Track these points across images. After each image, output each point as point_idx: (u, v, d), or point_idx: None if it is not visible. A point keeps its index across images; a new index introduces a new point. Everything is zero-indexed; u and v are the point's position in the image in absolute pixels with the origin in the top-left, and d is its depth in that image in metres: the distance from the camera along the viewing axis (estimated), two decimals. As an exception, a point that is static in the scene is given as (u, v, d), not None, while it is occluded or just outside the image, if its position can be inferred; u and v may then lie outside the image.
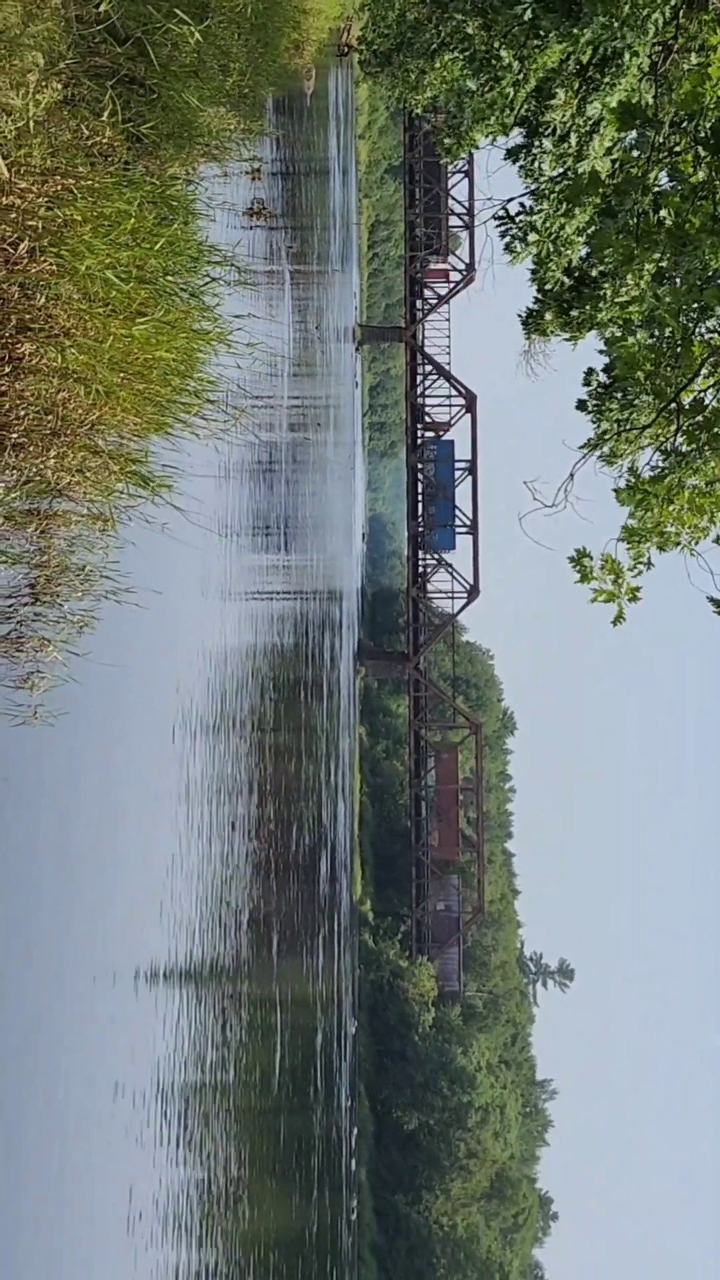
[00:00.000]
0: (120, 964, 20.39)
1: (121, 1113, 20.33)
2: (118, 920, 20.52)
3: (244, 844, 32.52)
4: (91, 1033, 18.78)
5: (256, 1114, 34.90)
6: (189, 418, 13.96)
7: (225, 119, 19.64)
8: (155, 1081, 22.43)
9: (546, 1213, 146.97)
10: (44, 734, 13.57)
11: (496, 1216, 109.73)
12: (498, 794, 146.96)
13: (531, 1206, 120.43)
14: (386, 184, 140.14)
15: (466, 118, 17.53)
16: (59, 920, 16.93)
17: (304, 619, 51.19)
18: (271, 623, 40.88)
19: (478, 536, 77.14)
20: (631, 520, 15.16)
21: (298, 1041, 44.56)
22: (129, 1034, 21.06)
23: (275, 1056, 38.19)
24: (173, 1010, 23.90)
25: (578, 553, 15.09)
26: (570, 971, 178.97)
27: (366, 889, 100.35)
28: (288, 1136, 42.28)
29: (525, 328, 19.09)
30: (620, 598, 15.19)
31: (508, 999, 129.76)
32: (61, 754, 15.97)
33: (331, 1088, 59.66)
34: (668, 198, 14.34)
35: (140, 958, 21.63)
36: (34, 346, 11.15)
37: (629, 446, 16.30)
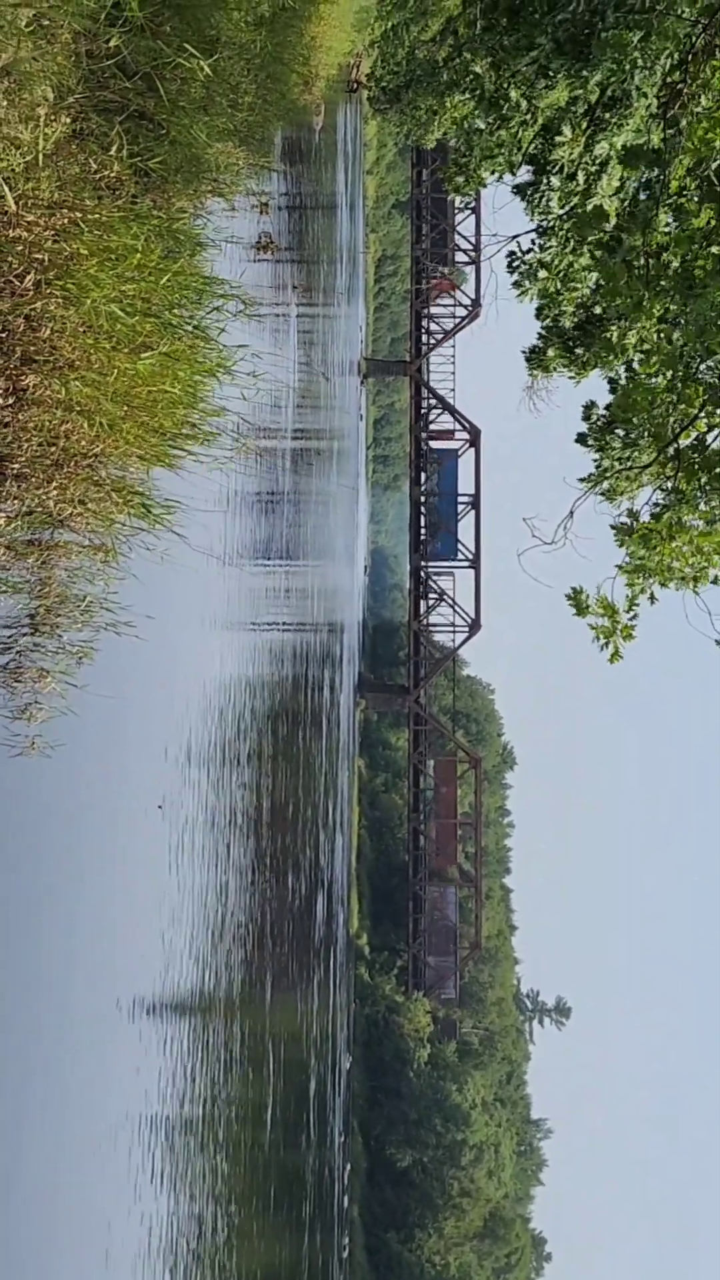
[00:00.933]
0: (115, 997, 20.30)
1: (113, 1147, 20.21)
2: (114, 953, 20.44)
3: (242, 877, 32.43)
4: (84, 1066, 18.68)
5: (249, 1149, 34.70)
6: (192, 449, 13.97)
7: (234, 154, 19.73)
8: (147, 1115, 22.31)
9: (540, 1253, 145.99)
10: (41, 765, 13.53)
11: (489, 1256, 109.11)
12: (496, 829, 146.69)
13: (525, 1246, 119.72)
14: (394, 219, 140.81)
15: (475, 156, 17.64)
16: (54, 954, 16.86)
17: (304, 651, 51.19)
18: (272, 654, 40.87)
19: (479, 570, 77.22)
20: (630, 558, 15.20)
21: (292, 1076, 44.36)
22: (122, 1067, 20.96)
23: (269, 1091, 38.01)
24: (166, 1044, 23.79)
25: (574, 590, 15.13)
26: (567, 1010, 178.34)
27: (363, 922, 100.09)
28: (280, 1172, 42.02)
29: (529, 364, 19.18)
30: (616, 636, 15.23)
31: (504, 1036, 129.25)
32: (58, 785, 15.93)
33: (325, 1123, 59.35)
34: (674, 241, 14.40)
35: (135, 991, 21.54)
36: (38, 378, 11.17)
37: (629, 484, 16.35)
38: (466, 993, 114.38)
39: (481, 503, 78.07)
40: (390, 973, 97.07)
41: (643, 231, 15.75)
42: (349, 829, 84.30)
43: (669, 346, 14.79)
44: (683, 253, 14.30)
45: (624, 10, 14.73)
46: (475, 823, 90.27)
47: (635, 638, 15.53)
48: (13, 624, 12.73)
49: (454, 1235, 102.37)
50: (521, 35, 15.75)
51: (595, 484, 16.56)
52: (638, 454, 16.17)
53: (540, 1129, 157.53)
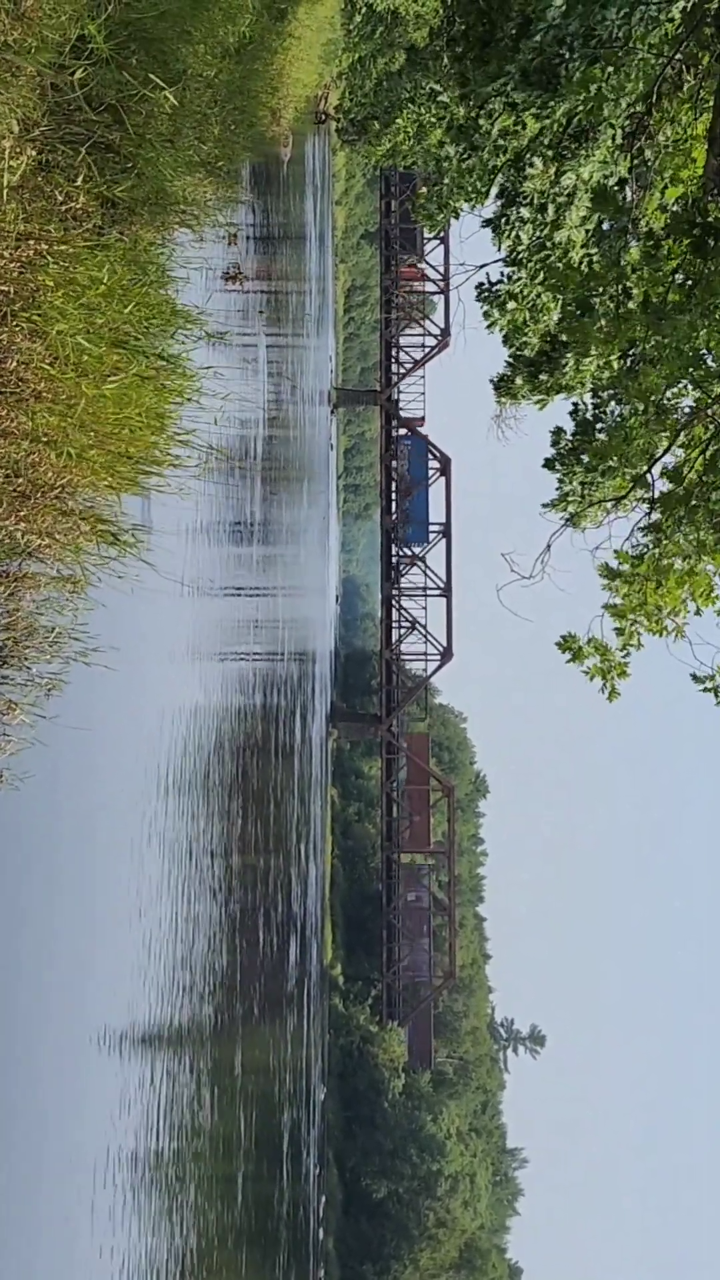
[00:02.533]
0: (85, 1029, 20.19)
1: (86, 1182, 20.07)
2: (85, 986, 20.33)
3: (214, 907, 32.31)
4: (57, 1101, 18.56)
5: (222, 1182, 34.50)
6: (160, 472, 13.95)
7: (201, 185, 19.76)
8: (118, 1147, 22.17)
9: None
10: (11, 798, 13.46)
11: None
12: (469, 857, 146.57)
13: (501, 1277, 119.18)
14: (363, 249, 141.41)
15: (447, 184, 17.70)
16: (25, 987, 16.76)
17: (276, 680, 51.13)
18: (243, 684, 40.81)
19: (451, 599, 77.33)
20: (617, 599, 15.27)
21: (266, 1108, 44.15)
22: (94, 1100, 20.83)
23: (242, 1124, 37.81)
24: (139, 1076, 23.66)
25: (565, 638, 15.20)
26: (541, 1038, 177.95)
27: (337, 952, 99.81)
28: (254, 1204, 41.77)
29: (497, 392, 19.24)
30: (610, 675, 15.30)
31: (478, 1065, 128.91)
32: (29, 818, 15.85)
33: (299, 1155, 59.05)
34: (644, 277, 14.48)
35: (106, 1023, 21.42)
36: (4, 410, 11.14)
37: (595, 511, 16.41)
38: (440, 1022, 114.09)
39: (453, 531, 78.21)
40: (364, 1003, 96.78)
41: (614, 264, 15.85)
42: (322, 859, 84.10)
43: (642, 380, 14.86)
44: (649, 284, 14.39)
45: (591, 44, 14.81)
46: (449, 852, 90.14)
47: (629, 675, 15.61)
48: (-20, 656, 12.68)
49: (430, 1266, 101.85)
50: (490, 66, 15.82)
51: (559, 508, 16.62)
52: (600, 479, 16.25)
53: (516, 1158, 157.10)
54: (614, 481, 16.14)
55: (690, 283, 14.08)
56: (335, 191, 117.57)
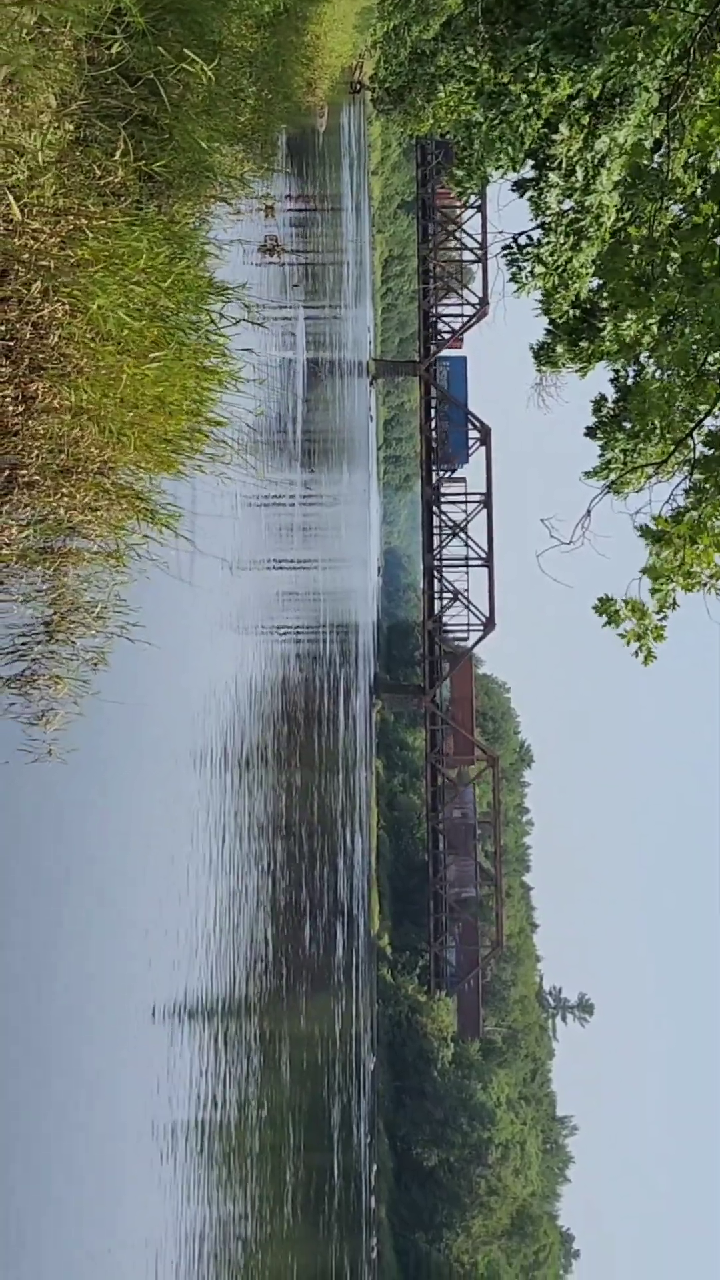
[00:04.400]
0: (137, 1000, 20.34)
1: (139, 1151, 20.24)
2: (135, 957, 20.47)
3: (261, 879, 32.46)
4: (107, 1070, 18.71)
5: (274, 1152, 34.72)
6: (200, 453, 13.99)
7: (238, 157, 19.74)
8: (170, 1117, 22.34)
9: (568, 1249, 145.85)
10: (58, 771, 13.56)
11: (518, 1254, 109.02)
12: (515, 827, 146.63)
13: (553, 1244, 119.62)
14: (400, 219, 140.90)
15: (476, 150, 17.62)
16: (74, 961, 16.89)
17: (319, 653, 51.21)
18: (286, 657, 40.90)
19: (493, 569, 77.18)
20: (654, 560, 15.19)
21: (315, 1078, 44.38)
22: (147, 1070, 20.98)
23: (293, 1094, 38.03)
24: (189, 1048, 23.82)
25: (602, 600, 15.12)
26: (590, 1006, 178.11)
27: (384, 923, 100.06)
28: (306, 1174, 42.03)
29: (537, 360, 19.17)
30: (647, 638, 15.23)
31: (527, 1034, 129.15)
32: (75, 792, 15.96)
33: (350, 1124, 59.34)
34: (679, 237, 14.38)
35: (156, 994, 21.57)
36: (46, 385, 11.19)
37: (636, 477, 16.35)
38: (489, 991, 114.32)
39: (494, 501, 78.02)
40: (412, 973, 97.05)
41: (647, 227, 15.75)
42: (368, 830, 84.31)
43: (679, 343, 14.79)
44: (685, 250, 14.29)
45: (624, 5, 14.72)
46: (494, 821, 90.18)
47: (666, 638, 15.54)
48: (26, 631, 12.76)
49: (482, 1234, 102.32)
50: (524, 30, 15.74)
51: (601, 475, 16.57)
52: (643, 446, 16.18)
53: (566, 1126, 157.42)
54: (656, 447, 16.07)
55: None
56: (371, 161, 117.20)
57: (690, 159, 16.90)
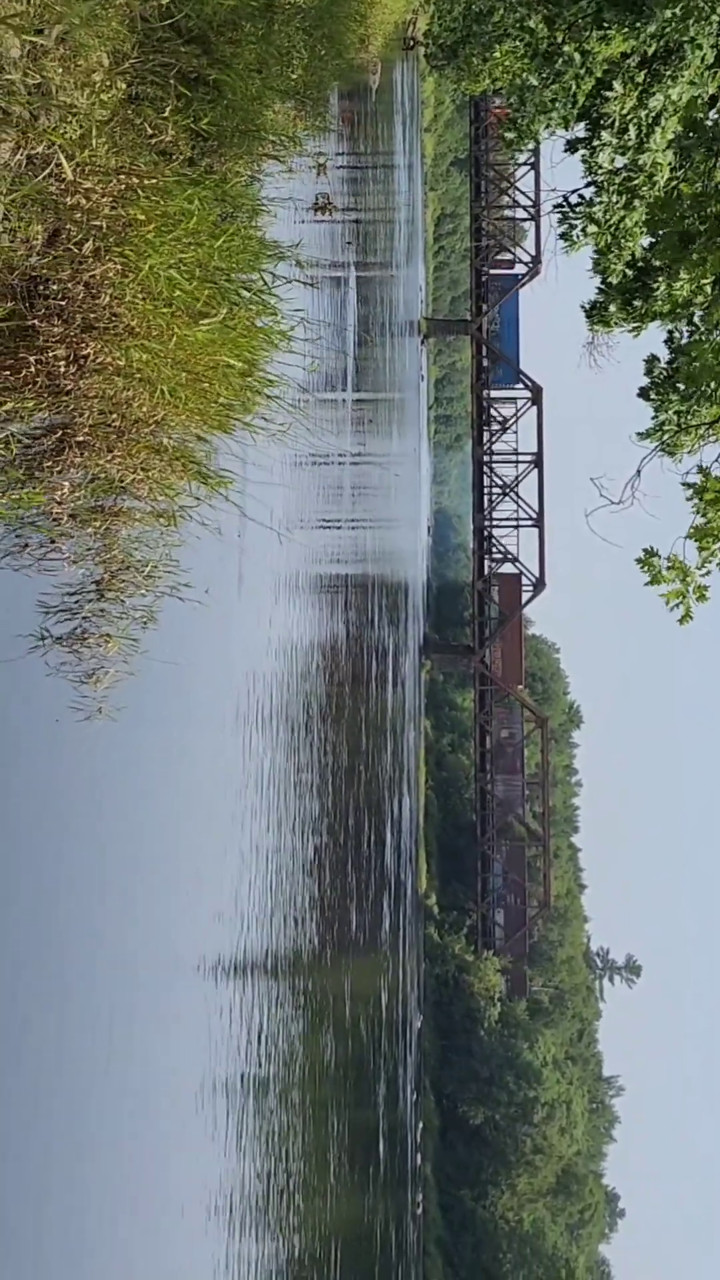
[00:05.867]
0: (188, 956, 20.51)
1: (189, 1106, 20.45)
2: (184, 916, 20.63)
3: (311, 837, 32.60)
4: (161, 1025, 18.90)
5: (322, 1109, 34.99)
6: (251, 416, 13.99)
7: (289, 115, 19.66)
8: (221, 1072, 22.55)
9: (613, 1209, 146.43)
10: (109, 729, 13.66)
11: (563, 1212, 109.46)
12: (564, 788, 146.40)
13: (598, 1203, 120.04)
14: (452, 177, 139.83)
15: (529, 112, 17.46)
16: (124, 915, 17.05)
17: (369, 613, 51.22)
18: (335, 617, 40.94)
19: (543, 529, 76.86)
20: (701, 519, 15.10)
21: (363, 1036, 44.64)
22: (199, 1026, 21.18)
23: (341, 1052, 38.27)
24: (240, 1003, 24.01)
25: (645, 553, 15.04)
26: (637, 967, 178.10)
27: (431, 883, 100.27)
28: (353, 1131, 42.34)
29: (589, 319, 19.03)
30: (689, 597, 15.15)
31: (574, 994, 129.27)
32: (126, 750, 16.07)
33: (396, 1082, 59.69)
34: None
35: (208, 950, 21.75)
36: (99, 345, 11.21)
37: (690, 438, 16.23)
38: (536, 951, 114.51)
39: (544, 461, 77.62)
40: (459, 932, 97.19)
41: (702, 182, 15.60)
42: (416, 790, 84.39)
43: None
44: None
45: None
46: (543, 782, 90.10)
47: (709, 598, 15.45)
48: (78, 590, 12.84)
49: (527, 1192, 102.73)
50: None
51: (654, 437, 16.45)
52: (697, 408, 16.05)
53: (612, 1086, 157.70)
54: (710, 409, 15.95)
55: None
56: (424, 118, 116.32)
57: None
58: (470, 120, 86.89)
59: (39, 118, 10.24)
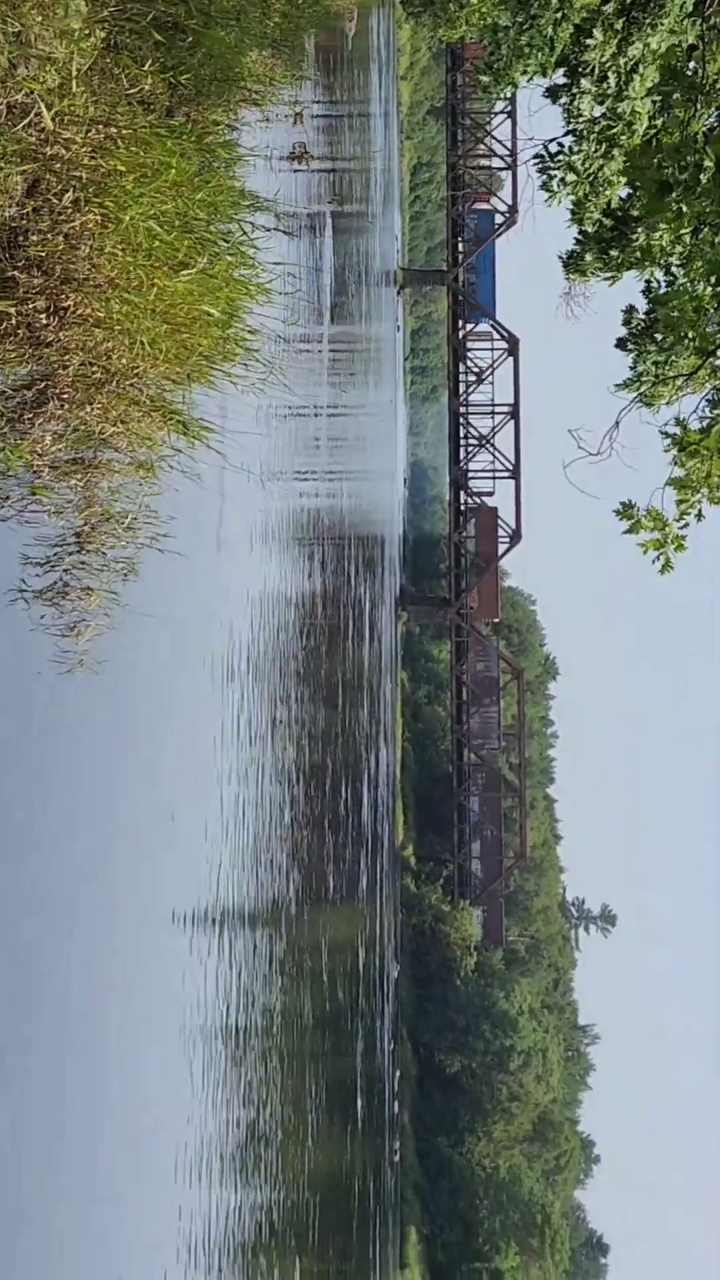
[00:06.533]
0: (166, 906, 20.60)
1: (168, 1053, 20.59)
2: (161, 865, 20.72)
3: (288, 789, 32.72)
4: (137, 974, 19.00)
5: (300, 1057, 35.25)
6: (230, 367, 13.97)
7: (266, 63, 19.55)
8: (201, 1022, 22.69)
9: (588, 1155, 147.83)
10: (90, 681, 13.69)
11: (538, 1159, 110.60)
12: (540, 739, 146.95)
13: (573, 1149, 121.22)
14: (429, 125, 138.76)
15: (504, 55, 17.37)
16: (105, 864, 17.12)
17: (345, 564, 51.21)
18: (312, 568, 40.94)
19: (520, 481, 76.82)
20: (680, 471, 15.13)
21: (341, 985, 44.93)
22: (176, 975, 21.29)
23: (319, 1000, 38.52)
24: (218, 952, 24.14)
25: (624, 505, 15.07)
26: (613, 917, 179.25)
27: (408, 834, 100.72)
28: (331, 1079, 42.67)
29: (566, 269, 18.99)
30: (667, 547, 15.19)
31: (550, 944, 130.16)
32: (106, 701, 16.10)
33: (374, 1031, 60.12)
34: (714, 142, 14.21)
35: (186, 900, 21.85)
36: (79, 297, 11.19)
37: (668, 389, 16.25)
38: (512, 901, 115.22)
39: (521, 412, 77.50)
40: (436, 883, 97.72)
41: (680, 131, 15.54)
42: (392, 741, 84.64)
43: (710, 252, 14.67)
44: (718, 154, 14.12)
45: None
46: (519, 733, 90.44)
47: (687, 548, 15.49)
48: (59, 542, 12.84)
49: (503, 1139, 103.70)
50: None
51: (632, 388, 16.47)
52: (675, 359, 16.07)
53: (587, 1034, 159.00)
54: (688, 359, 15.97)
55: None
56: (400, 66, 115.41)
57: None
58: (446, 68, 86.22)
59: (18, 66, 10.18)
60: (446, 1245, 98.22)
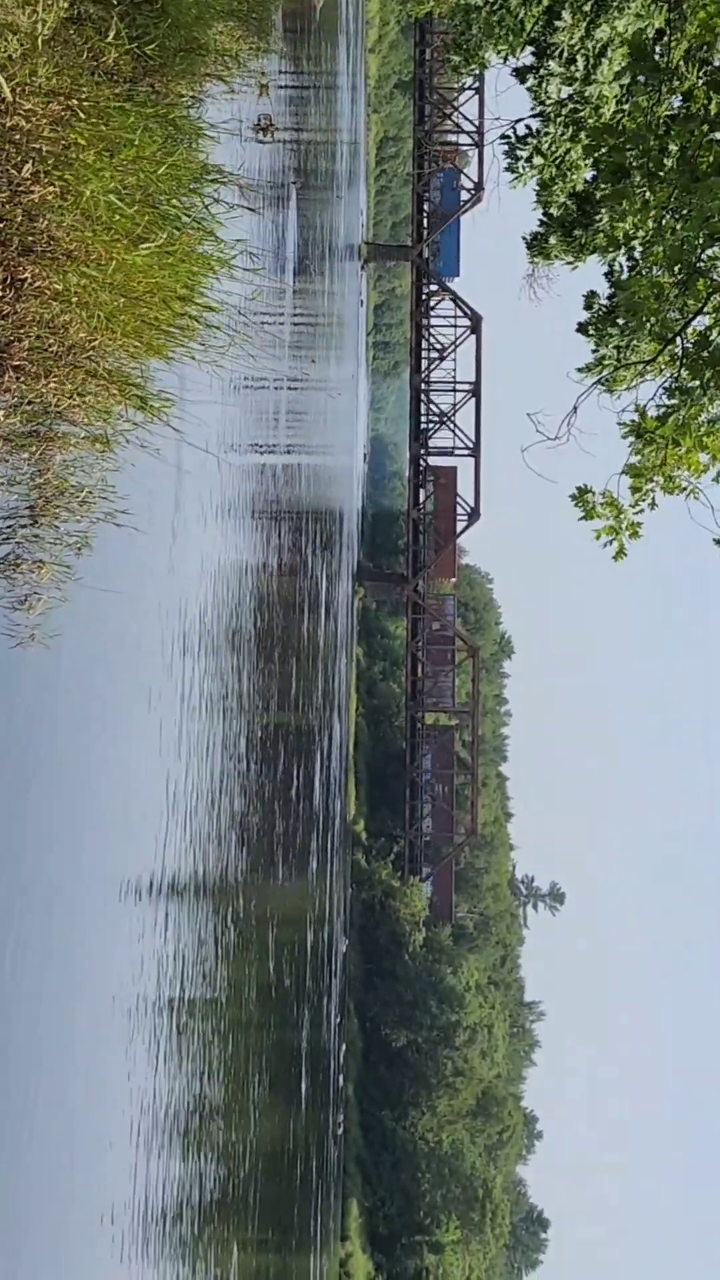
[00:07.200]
0: (114, 877, 20.57)
1: (112, 1025, 20.57)
2: (112, 834, 20.68)
3: (240, 763, 32.69)
4: (83, 946, 18.98)
5: (247, 1029, 35.31)
6: (189, 342, 13.89)
7: (232, 34, 19.40)
8: (146, 994, 22.68)
9: (531, 1131, 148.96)
10: (41, 655, 13.63)
11: (481, 1133, 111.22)
12: (493, 718, 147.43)
13: (516, 1125, 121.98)
14: (396, 99, 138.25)
15: (475, 35, 17.33)
16: (50, 838, 17.07)
17: (303, 539, 51.13)
18: (269, 543, 40.85)
19: (479, 460, 76.90)
20: (636, 458, 15.18)
21: (289, 958, 45.01)
22: (121, 946, 21.27)
23: (266, 973, 38.58)
24: (166, 924, 24.12)
25: (580, 490, 15.10)
26: (561, 895, 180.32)
27: (360, 809, 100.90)
28: (277, 1051, 42.77)
29: (530, 251, 18.98)
30: (621, 534, 15.25)
31: (498, 921, 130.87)
32: (58, 675, 16.04)
33: (321, 1005, 60.28)
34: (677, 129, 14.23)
35: (135, 871, 21.82)
36: (37, 269, 11.09)
37: (629, 373, 16.28)
38: (462, 878, 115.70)
39: (482, 391, 77.52)
40: (387, 858, 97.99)
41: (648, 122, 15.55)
42: (347, 717, 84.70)
43: (671, 238, 14.68)
44: (684, 141, 14.14)
45: None
46: (473, 711, 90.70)
47: (642, 535, 15.56)
48: (11, 515, 12.76)
49: (447, 1113, 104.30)
50: None
51: (593, 371, 16.49)
52: (636, 344, 16.10)
53: (533, 1011, 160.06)
54: (648, 346, 16.00)
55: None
56: (368, 39, 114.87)
57: (692, 50, 16.63)
58: (415, 42, 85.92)
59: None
60: (388, 1218, 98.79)
